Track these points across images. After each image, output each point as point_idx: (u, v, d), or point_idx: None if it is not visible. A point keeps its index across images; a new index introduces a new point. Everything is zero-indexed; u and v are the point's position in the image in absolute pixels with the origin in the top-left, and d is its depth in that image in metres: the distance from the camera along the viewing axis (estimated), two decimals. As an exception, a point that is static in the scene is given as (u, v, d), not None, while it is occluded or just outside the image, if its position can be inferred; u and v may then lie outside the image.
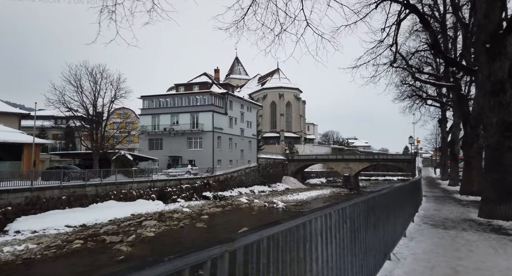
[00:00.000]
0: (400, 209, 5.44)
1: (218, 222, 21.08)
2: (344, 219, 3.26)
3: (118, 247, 13.39)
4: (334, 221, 3.01)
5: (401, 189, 5.54)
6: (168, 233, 16.97)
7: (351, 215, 3.34)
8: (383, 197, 4.47)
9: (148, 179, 27.67)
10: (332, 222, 2.95)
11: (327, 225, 2.80)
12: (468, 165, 13.78)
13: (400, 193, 5.61)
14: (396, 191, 5.21)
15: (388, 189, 4.85)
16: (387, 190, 4.77)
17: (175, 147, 39.43)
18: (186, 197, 31.44)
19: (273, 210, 27.92)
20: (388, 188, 4.91)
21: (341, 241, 3.06)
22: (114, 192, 23.82)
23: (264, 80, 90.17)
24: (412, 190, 7.44)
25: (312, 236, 2.47)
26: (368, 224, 3.76)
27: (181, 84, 44.10)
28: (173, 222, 19.95)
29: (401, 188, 5.58)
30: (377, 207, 4.16)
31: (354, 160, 53.16)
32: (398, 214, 5.20)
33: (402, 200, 5.73)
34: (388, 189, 4.83)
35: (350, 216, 3.32)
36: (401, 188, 5.58)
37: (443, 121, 25.05)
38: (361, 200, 3.72)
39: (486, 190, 7.61)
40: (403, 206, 5.76)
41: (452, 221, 7.40)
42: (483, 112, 7.62)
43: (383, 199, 4.44)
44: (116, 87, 25.67)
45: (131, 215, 21.88)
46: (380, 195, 4.34)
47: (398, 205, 5.39)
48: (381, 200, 4.34)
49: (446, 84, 14.09)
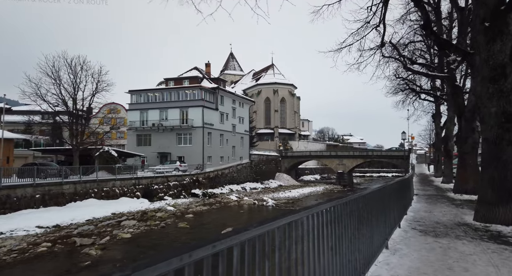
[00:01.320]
0: (382, 215, 4.50)
1: (202, 221, 20.14)
2: (299, 235, 2.32)
3: (87, 251, 12.38)
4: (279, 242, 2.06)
5: (382, 191, 4.59)
6: (146, 234, 15.98)
7: (310, 227, 2.40)
8: (358, 202, 3.52)
9: (133, 176, 26.59)
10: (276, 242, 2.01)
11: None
12: (462, 161, 12.95)
13: (382, 195, 4.67)
14: (377, 194, 4.26)
15: (367, 191, 3.91)
16: (365, 192, 3.83)
17: (164, 143, 38.32)
18: (173, 194, 30.44)
19: (263, 208, 27.04)
20: (367, 190, 3.96)
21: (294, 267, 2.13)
22: (95, 190, 22.73)
23: (258, 75, 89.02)
24: (400, 190, 6.51)
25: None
26: (335, 239, 2.80)
27: (170, 79, 42.82)
28: (154, 222, 18.97)
29: (383, 190, 4.63)
30: (348, 215, 3.21)
31: (348, 156, 52.47)
32: (379, 222, 4.25)
33: (385, 204, 4.79)
34: (367, 191, 3.88)
35: (308, 229, 2.37)
36: (383, 190, 4.63)
37: (437, 116, 24.24)
38: (325, 208, 2.76)
39: (483, 189, 6.72)
40: (386, 210, 4.83)
41: (444, 225, 6.49)
42: (480, 102, 6.71)
43: (357, 203, 3.49)
44: (97, 80, 24.41)
45: (112, 214, 20.84)
46: (354, 200, 3.39)
47: (379, 210, 4.45)
48: (354, 205, 3.38)
49: (440, 75, 13.21)
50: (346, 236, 3.06)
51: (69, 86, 23.48)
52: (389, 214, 5.09)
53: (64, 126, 25.27)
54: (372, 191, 4.05)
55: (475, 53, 6.84)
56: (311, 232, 2.47)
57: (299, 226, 2.32)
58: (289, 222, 2.17)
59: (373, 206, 4.10)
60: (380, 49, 10.54)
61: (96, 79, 24.30)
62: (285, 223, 2.11)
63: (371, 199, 4.00)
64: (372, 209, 4.05)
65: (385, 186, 4.82)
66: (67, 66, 23.21)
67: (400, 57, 14.53)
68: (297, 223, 2.27)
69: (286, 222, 2.12)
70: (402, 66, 13.76)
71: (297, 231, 2.31)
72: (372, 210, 4.05)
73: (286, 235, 2.14)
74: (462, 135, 12.51)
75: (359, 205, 3.46)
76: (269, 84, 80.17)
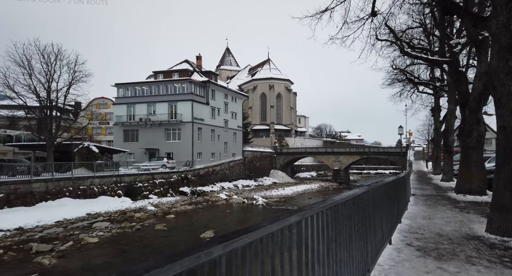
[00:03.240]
0: (359, 234, 3.01)
1: (183, 223, 18.66)
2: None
3: (40, 260, 10.87)
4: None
5: (360, 199, 3.11)
6: (116, 238, 14.48)
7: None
8: (318, 219, 2.06)
9: (114, 174, 25.02)
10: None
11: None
12: (465, 157, 11.48)
13: (363, 205, 3.18)
14: (350, 204, 2.77)
15: (332, 202, 2.43)
16: (330, 203, 2.35)
17: (152, 139, 36.73)
18: (159, 193, 28.95)
19: (252, 208, 25.62)
20: (335, 199, 2.48)
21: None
22: (69, 188, 21.17)
23: (254, 71, 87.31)
24: (391, 194, 5.02)
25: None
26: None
27: (159, 72, 41.12)
28: (130, 223, 17.47)
29: (361, 197, 3.15)
30: (295, 247, 1.73)
31: (344, 153, 51.07)
32: (351, 248, 2.76)
33: (366, 217, 3.30)
34: (332, 201, 2.40)
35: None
36: (361, 197, 3.15)
37: (436, 109, 22.74)
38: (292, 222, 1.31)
39: (499, 192, 5.25)
40: (367, 227, 3.34)
41: (449, 239, 5.01)
42: (496, 79, 5.21)
43: (312, 225, 2.02)
44: (73, 70, 22.67)
45: (87, 215, 19.34)
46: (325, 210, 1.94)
47: (357, 228, 2.96)
48: (305, 230, 1.91)
49: (442, 60, 11.71)
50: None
51: (42, 77, 21.84)
52: (373, 230, 3.60)
53: (35, 120, 23.55)
54: (342, 199, 2.56)
55: (490, 16, 5.35)
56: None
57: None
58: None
59: (344, 223, 2.60)
60: (371, 18, 8.96)
61: (72, 69, 22.59)
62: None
63: (340, 213, 2.50)
64: (342, 228, 2.56)
65: (367, 191, 3.32)
66: (39, 55, 21.57)
67: (396, 40, 12.99)
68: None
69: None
70: (399, 50, 12.27)
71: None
72: (342, 230, 2.55)
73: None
74: (466, 127, 11.02)
75: (342, 216, 2.00)
76: (265, 80, 78.54)
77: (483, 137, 11.02)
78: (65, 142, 24.28)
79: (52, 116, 22.74)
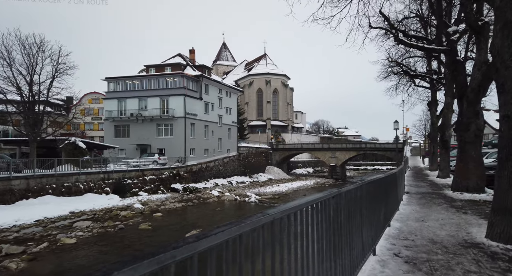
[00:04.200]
0: (332, 247, 2.30)
1: (170, 221, 17.95)
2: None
3: (6, 264, 10.12)
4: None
5: (328, 203, 2.38)
6: (96, 239, 13.74)
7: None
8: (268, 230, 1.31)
9: (101, 170, 24.23)
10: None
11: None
12: (463, 152, 10.79)
13: (337, 210, 2.46)
14: (324, 207, 2.05)
15: (300, 206, 1.71)
16: (276, 212, 1.60)
17: (144, 134, 35.86)
18: (150, 190, 28.21)
19: (244, 205, 24.96)
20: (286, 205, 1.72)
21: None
22: (53, 185, 20.38)
23: (250, 66, 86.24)
24: (377, 195, 4.29)
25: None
26: None
27: (151, 66, 40.09)
28: (113, 222, 16.74)
29: (328, 203, 2.42)
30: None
31: (341, 149, 50.46)
32: (327, 263, 2.05)
33: (344, 223, 2.58)
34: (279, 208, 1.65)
35: None
36: (328, 203, 2.42)
37: (433, 103, 22.03)
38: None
39: (502, 192, 4.55)
40: (347, 234, 2.64)
41: (444, 247, 4.30)
42: (500, 61, 4.48)
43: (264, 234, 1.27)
44: (57, 62, 21.67)
45: (70, 213, 18.59)
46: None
47: (330, 239, 2.25)
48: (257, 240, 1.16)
49: (438, 48, 10.95)
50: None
51: (23, 69, 20.84)
52: (349, 242, 2.87)
53: (18, 114, 22.60)
54: (294, 209, 1.83)
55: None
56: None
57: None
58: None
59: (297, 243, 1.86)
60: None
61: (55, 61, 21.59)
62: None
63: (292, 226, 1.78)
64: (296, 249, 1.81)
65: (337, 194, 2.58)
66: (20, 46, 20.54)
67: (391, 29, 12.20)
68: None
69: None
70: (393, 38, 11.50)
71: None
72: (293, 252, 1.81)
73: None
74: (464, 120, 10.30)
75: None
76: (262, 75, 77.55)
77: (482, 131, 10.32)
78: (49, 137, 23.39)
79: (35, 110, 21.82)
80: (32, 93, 21.51)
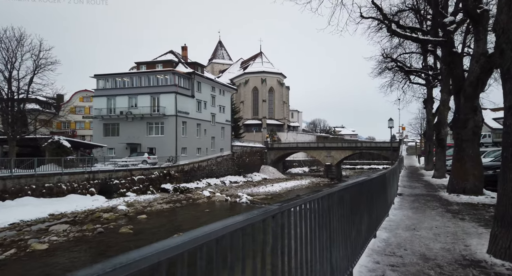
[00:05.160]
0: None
1: (154, 224, 17.11)
2: None
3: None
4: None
5: (276, 221, 1.59)
6: (70, 245, 12.87)
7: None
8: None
9: (85, 170, 23.31)
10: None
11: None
12: (460, 151, 10.06)
13: (286, 228, 1.67)
14: (267, 226, 1.26)
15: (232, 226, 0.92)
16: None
17: (134, 133, 34.91)
18: (139, 190, 27.34)
19: (234, 206, 24.16)
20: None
21: None
22: (32, 186, 19.45)
23: (246, 64, 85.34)
24: (358, 203, 3.51)
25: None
26: None
27: (142, 63, 39.12)
28: (93, 225, 15.87)
29: (276, 221, 1.63)
30: None
31: (336, 148, 49.80)
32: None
33: (302, 245, 1.78)
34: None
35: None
36: (276, 221, 1.63)
37: (429, 101, 21.31)
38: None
39: (507, 198, 3.79)
40: (310, 262, 1.83)
41: (438, 268, 3.51)
42: (505, 40, 3.74)
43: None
44: (37, 57, 20.66)
45: (49, 216, 17.70)
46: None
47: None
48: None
49: (434, 40, 10.22)
50: None
51: (1, 64, 19.83)
52: (311, 271, 2.09)
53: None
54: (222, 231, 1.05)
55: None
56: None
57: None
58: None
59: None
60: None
61: (35, 55, 20.58)
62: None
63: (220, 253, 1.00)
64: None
65: (279, 211, 1.79)
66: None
67: (384, 19, 11.43)
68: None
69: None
70: (386, 29, 10.75)
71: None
72: None
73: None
74: (461, 117, 9.57)
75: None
76: (257, 73, 76.71)
77: (480, 128, 9.59)
78: (28, 136, 22.41)
79: (14, 107, 20.84)
80: (11, 90, 20.53)
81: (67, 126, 53.00)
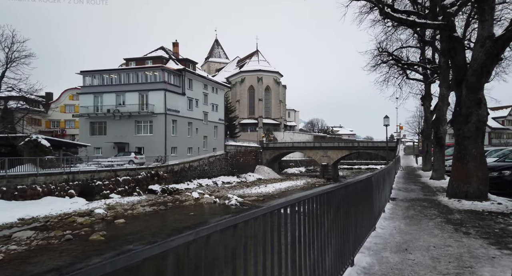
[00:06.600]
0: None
1: (131, 229, 15.85)
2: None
3: None
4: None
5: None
6: (29, 254, 11.60)
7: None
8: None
9: (64, 171, 22.02)
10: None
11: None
12: (461, 150, 8.88)
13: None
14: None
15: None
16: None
17: (121, 131, 33.59)
18: (124, 191, 26.07)
19: (223, 208, 22.92)
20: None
21: None
22: (3, 188, 18.17)
23: (242, 63, 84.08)
24: (332, 219, 2.27)
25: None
26: None
27: (131, 59, 37.85)
28: (62, 232, 14.59)
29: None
30: None
31: (333, 148, 48.64)
32: None
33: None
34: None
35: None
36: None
37: (427, 97, 20.09)
38: None
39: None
40: None
41: None
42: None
43: None
44: (9, 49, 19.37)
45: (18, 220, 16.41)
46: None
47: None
48: None
49: (432, 23, 9.05)
50: None
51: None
52: None
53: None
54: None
55: None
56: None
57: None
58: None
59: None
60: None
61: (7, 48, 19.28)
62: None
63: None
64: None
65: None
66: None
67: (378, 4, 10.22)
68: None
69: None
70: (379, 12, 9.56)
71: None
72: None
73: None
74: (462, 111, 8.38)
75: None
76: (253, 72, 75.50)
77: (485, 123, 8.39)
78: (1, 135, 21.14)
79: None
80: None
81: (56, 125, 51.64)
